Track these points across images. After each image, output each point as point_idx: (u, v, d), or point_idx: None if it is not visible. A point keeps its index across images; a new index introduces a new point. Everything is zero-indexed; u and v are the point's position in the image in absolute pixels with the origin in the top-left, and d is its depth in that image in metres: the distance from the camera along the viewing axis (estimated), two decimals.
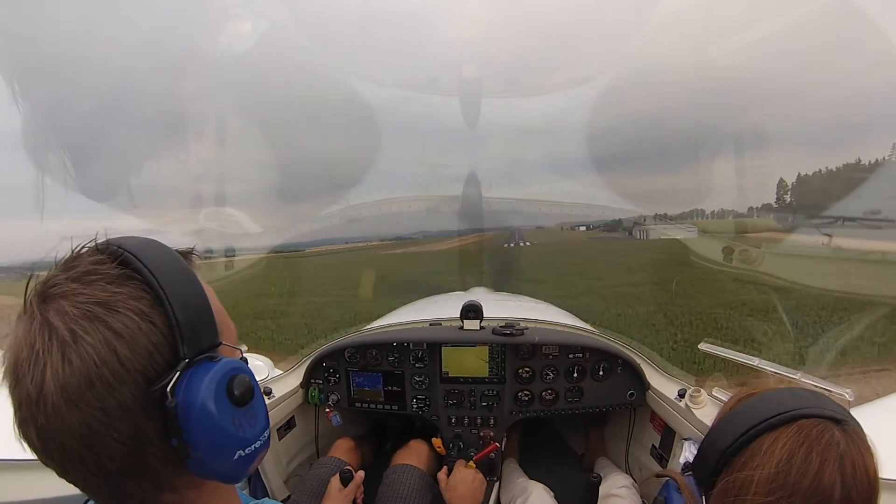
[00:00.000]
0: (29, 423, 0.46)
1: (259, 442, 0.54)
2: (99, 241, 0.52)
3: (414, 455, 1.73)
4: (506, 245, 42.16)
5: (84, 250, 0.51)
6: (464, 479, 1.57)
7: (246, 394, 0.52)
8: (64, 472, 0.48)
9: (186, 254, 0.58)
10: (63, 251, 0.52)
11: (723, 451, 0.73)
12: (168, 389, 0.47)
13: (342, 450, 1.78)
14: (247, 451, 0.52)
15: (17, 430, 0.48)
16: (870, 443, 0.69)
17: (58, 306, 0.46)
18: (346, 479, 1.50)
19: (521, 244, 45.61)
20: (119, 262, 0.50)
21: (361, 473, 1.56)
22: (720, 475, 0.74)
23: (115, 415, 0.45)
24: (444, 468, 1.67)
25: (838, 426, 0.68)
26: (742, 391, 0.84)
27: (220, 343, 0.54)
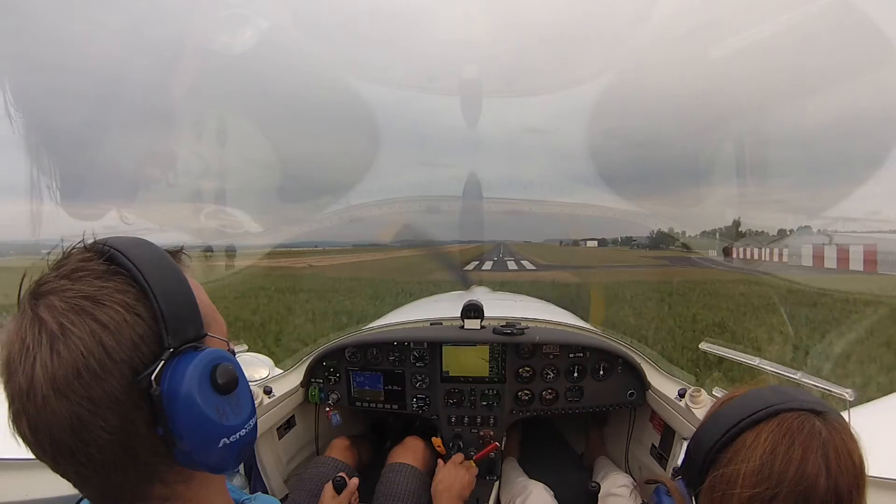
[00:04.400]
0: (21, 415, 0.48)
1: (244, 430, 0.55)
2: (88, 241, 0.54)
3: (410, 452, 1.73)
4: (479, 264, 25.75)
5: (74, 250, 0.54)
6: (454, 464, 1.66)
7: (230, 382, 0.53)
8: (56, 465, 0.49)
9: (175, 252, 0.60)
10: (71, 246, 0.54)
11: (708, 449, 0.75)
12: (153, 378, 0.48)
13: (339, 449, 1.78)
14: (231, 438, 0.53)
15: (11, 425, 0.49)
16: (853, 431, 0.71)
17: (47, 302, 0.48)
18: (339, 487, 1.50)
19: (509, 265, 27.21)
20: (106, 258, 0.52)
21: (355, 481, 1.56)
22: (707, 473, 0.75)
23: (103, 404, 0.47)
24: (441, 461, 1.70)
25: (819, 417, 0.70)
26: (726, 395, 0.86)
27: (206, 334, 0.56)
